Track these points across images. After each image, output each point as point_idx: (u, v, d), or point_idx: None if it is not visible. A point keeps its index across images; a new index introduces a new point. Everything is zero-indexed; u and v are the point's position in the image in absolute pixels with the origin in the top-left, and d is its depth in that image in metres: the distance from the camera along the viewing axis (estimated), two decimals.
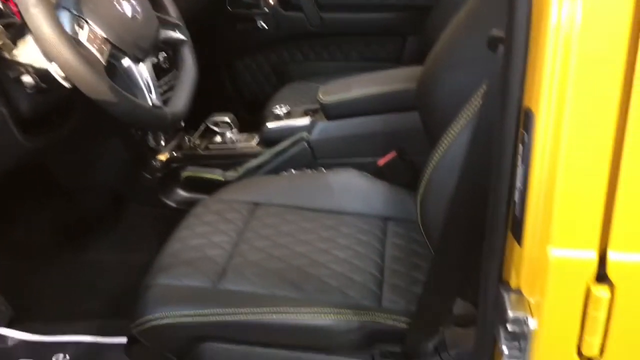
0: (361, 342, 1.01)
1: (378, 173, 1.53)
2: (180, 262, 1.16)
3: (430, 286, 0.92)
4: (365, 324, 1.00)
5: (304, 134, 1.66)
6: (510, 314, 0.69)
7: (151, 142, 1.69)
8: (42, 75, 1.08)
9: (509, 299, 0.72)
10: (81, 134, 1.38)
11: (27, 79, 1.09)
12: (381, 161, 1.58)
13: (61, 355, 1.50)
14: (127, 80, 1.14)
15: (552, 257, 0.65)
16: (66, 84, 1.04)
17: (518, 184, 0.69)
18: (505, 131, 0.67)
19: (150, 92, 1.16)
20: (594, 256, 0.64)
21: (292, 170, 1.64)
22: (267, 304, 1.02)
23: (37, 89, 1.10)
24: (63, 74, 1.01)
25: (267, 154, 1.67)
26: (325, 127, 1.66)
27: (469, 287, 0.90)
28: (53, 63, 1.02)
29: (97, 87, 0.99)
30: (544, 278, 0.65)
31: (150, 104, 1.15)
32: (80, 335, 1.55)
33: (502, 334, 0.72)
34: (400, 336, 1.00)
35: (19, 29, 1.08)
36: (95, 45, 1.06)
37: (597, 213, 0.63)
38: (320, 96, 1.67)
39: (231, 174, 1.67)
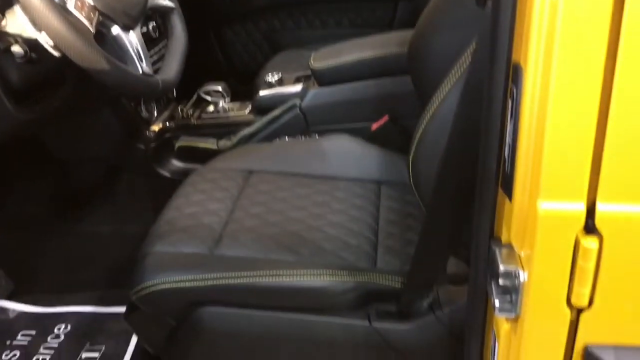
0: (357, 302, 1.03)
1: (371, 138, 1.53)
2: (176, 230, 1.17)
3: (423, 245, 0.93)
4: (360, 284, 1.02)
5: (297, 101, 1.66)
6: (502, 268, 0.71)
7: (144, 112, 1.69)
8: (32, 45, 1.07)
9: (500, 253, 0.73)
10: (73, 105, 1.38)
11: (16, 49, 1.08)
12: (374, 126, 1.58)
13: (62, 325, 1.52)
14: (117, 49, 1.13)
15: (541, 210, 0.66)
16: (56, 53, 1.03)
17: (507, 139, 0.70)
18: (495, 86, 0.67)
19: (140, 60, 1.15)
20: (582, 208, 0.65)
21: (286, 138, 1.64)
22: (263, 268, 1.04)
23: (26, 59, 1.10)
24: (52, 43, 1.01)
25: (260, 122, 1.67)
26: (317, 94, 1.66)
27: (461, 245, 0.91)
28: (42, 32, 1.01)
29: (86, 55, 0.99)
30: (534, 231, 0.67)
31: (141, 72, 1.15)
32: (80, 306, 1.58)
33: (493, 288, 0.73)
34: (395, 296, 1.02)
35: (6, 0, 1.07)
36: (83, 13, 1.05)
37: (585, 165, 0.64)
38: (312, 62, 1.67)
39: (225, 143, 1.68)
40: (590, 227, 0.65)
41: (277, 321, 1.04)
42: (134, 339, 1.44)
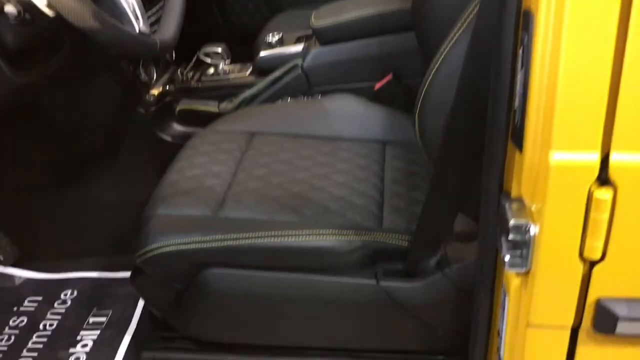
0: (364, 262, 1.02)
1: (375, 97, 1.50)
2: (179, 193, 1.16)
3: (430, 202, 0.91)
4: (367, 243, 1.01)
5: (298, 61, 1.63)
6: (512, 222, 0.69)
7: (143, 76, 1.66)
8: (25, 5, 1.04)
9: (510, 208, 0.71)
10: (70, 69, 1.35)
11: (9, 9, 1.05)
12: (377, 85, 1.55)
13: (69, 291, 1.53)
14: (112, 8, 1.10)
15: (553, 161, 0.64)
16: (49, 12, 1.00)
17: (518, 89, 0.68)
18: (504, 34, 0.65)
19: (137, 19, 1.12)
20: (595, 158, 0.63)
21: (288, 99, 1.61)
22: (268, 229, 1.02)
23: (20, 19, 1.07)
24: (46, 1, 0.98)
25: (262, 83, 1.64)
26: (319, 53, 1.63)
27: (470, 201, 0.89)
28: None
29: (81, 13, 0.96)
30: (546, 183, 0.65)
31: (138, 31, 1.12)
32: (86, 271, 1.57)
33: (503, 244, 0.72)
34: (402, 254, 1.01)
35: None
36: None
37: (599, 114, 0.62)
38: (313, 21, 1.63)
39: (226, 105, 1.65)
40: (604, 178, 0.64)
41: (283, 282, 1.03)
42: (140, 303, 1.44)
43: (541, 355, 0.75)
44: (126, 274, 1.40)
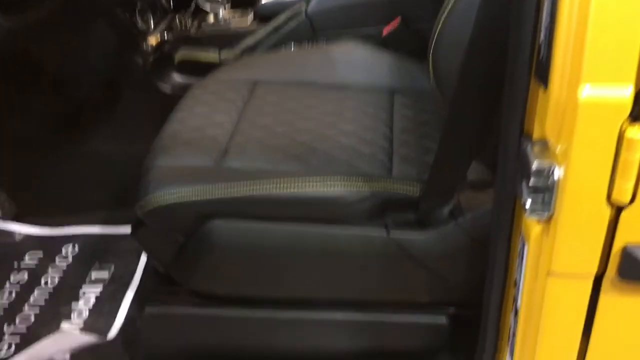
0: (373, 212, 0.98)
1: (382, 43, 1.44)
2: (180, 143, 1.11)
3: (444, 147, 0.87)
4: (376, 193, 0.96)
5: (302, 6, 1.56)
6: (535, 165, 0.65)
7: (140, 23, 1.59)
8: None
9: (532, 150, 0.67)
10: (63, 15, 1.29)
11: None
12: (385, 30, 1.48)
13: (70, 246, 1.50)
14: None
15: (582, 97, 0.59)
16: None
17: (544, 20, 0.62)
18: None
19: None
20: (628, 93, 0.58)
21: (292, 46, 1.55)
22: (273, 178, 0.98)
23: None
24: None
25: (264, 30, 1.58)
26: None
27: (486, 146, 0.85)
28: None
29: None
30: (573, 122, 0.60)
31: None
32: (87, 226, 1.55)
33: (524, 188, 0.68)
34: (414, 204, 0.97)
35: None
36: None
37: (634, 45, 0.57)
38: None
39: (227, 54, 1.59)
40: (637, 115, 0.59)
41: (289, 233, 1.00)
42: (143, 258, 1.41)
43: (562, 305, 0.72)
44: (128, 229, 1.36)
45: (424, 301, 1.05)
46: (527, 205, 0.67)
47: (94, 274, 1.40)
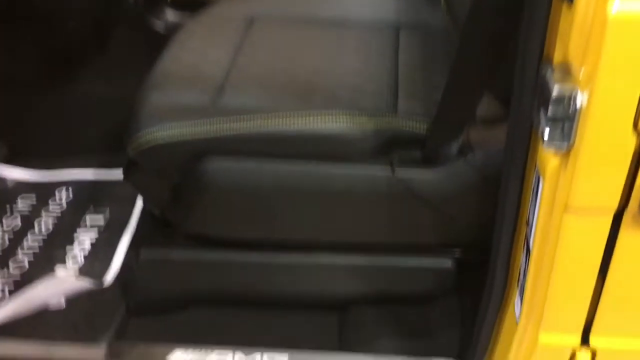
0: (378, 150, 0.93)
1: None
2: (173, 79, 1.06)
3: (454, 79, 0.81)
4: (380, 129, 0.91)
5: None
6: (555, 91, 0.60)
7: None
8: None
9: (552, 75, 0.62)
10: None
11: None
12: None
13: (63, 189, 1.46)
14: None
15: (612, 12, 0.53)
16: None
17: None
18: None
19: None
20: None
21: None
22: (272, 113, 0.93)
23: None
24: None
25: None
26: None
27: (499, 77, 0.79)
28: None
29: None
30: (601, 40, 0.55)
31: None
32: (81, 169, 1.50)
33: (542, 117, 0.63)
34: (420, 141, 0.92)
35: None
36: None
37: None
38: None
39: None
40: None
41: (290, 172, 0.95)
42: (139, 202, 1.37)
43: (578, 242, 0.68)
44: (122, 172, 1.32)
45: (429, 244, 1.02)
46: (545, 136, 0.62)
47: (89, 219, 1.36)
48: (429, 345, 1.04)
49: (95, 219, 1.36)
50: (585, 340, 0.76)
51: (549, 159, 0.65)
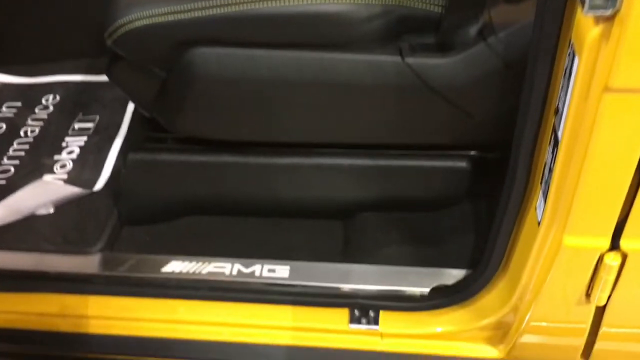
0: (386, 33, 0.82)
1: None
2: None
3: None
4: (389, 8, 0.80)
5: None
6: None
7: None
8: None
9: None
10: None
11: None
12: None
13: (50, 96, 1.37)
14: None
15: None
16: None
17: None
18: None
19: None
20: None
21: None
22: None
23: None
24: None
25: None
26: None
27: None
28: None
29: None
30: None
31: None
32: (68, 75, 1.41)
33: None
34: (434, 23, 0.81)
35: None
36: None
37: None
38: None
39: None
40: None
41: (287, 61, 0.85)
42: (130, 107, 1.28)
43: (616, 132, 0.59)
44: None
45: (442, 142, 0.93)
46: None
47: (78, 125, 1.28)
48: (439, 254, 0.96)
49: (84, 125, 1.28)
50: (615, 242, 0.68)
51: (588, 28, 0.55)
